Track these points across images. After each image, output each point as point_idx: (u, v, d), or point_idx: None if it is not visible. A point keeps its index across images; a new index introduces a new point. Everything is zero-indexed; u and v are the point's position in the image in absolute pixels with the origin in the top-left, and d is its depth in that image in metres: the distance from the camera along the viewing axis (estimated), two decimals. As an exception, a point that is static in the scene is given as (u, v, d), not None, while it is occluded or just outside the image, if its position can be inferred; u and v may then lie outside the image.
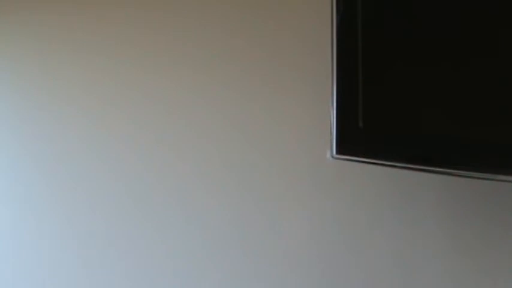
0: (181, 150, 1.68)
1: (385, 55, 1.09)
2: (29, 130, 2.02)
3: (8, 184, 2.08)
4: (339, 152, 1.16)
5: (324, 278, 1.46)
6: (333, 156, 1.16)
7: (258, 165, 1.56)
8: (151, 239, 1.74)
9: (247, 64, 1.58)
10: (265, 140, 1.55)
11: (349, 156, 1.16)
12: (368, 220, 1.41)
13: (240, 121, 1.59)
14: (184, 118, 1.68)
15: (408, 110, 1.07)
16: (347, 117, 1.14)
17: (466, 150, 1.00)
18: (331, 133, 1.16)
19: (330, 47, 1.16)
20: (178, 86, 1.69)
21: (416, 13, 1.05)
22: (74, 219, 1.91)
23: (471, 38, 0.98)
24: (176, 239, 1.69)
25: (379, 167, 1.19)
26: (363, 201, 1.41)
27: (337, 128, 1.15)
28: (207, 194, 1.64)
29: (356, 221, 1.42)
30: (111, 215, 1.82)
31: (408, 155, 1.09)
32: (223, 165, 1.61)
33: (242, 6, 1.59)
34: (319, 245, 1.47)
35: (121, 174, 1.80)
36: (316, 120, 1.46)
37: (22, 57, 2.02)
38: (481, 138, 0.98)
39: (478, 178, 1.02)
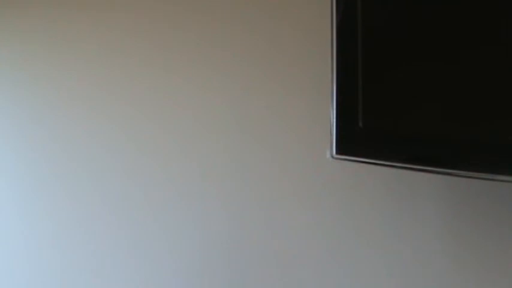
0: (180, 149, 1.68)
1: (385, 55, 1.09)
2: (33, 130, 2.02)
3: (13, 184, 2.08)
4: (338, 152, 1.16)
5: (323, 278, 1.46)
6: (333, 156, 1.16)
7: (257, 165, 1.56)
8: (153, 239, 1.74)
9: (247, 64, 1.58)
10: (265, 140, 1.55)
11: (349, 156, 1.16)
12: (368, 220, 1.41)
13: (239, 121, 1.59)
14: (183, 118, 1.68)
15: (408, 110, 1.07)
16: (347, 117, 1.14)
17: (466, 151, 1.00)
18: (331, 133, 1.16)
19: (330, 47, 1.16)
20: (179, 85, 1.69)
21: (417, 13, 1.05)
22: (77, 218, 1.91)
23: (473, 38, 0.98)
24: (176, 239, 1.69)
25: (379, 167, 1.19)
26: (363, 201, 1.41)
27: (337, 128, 1.15)
28: (206, 193, 1.64)
29: (356, 221, 1.42)
30: (115, 214, 1.82)
31: (408, 155, 1.09)
32: (223, 164, 1.61)
33: (243, 6, 1.59)
34: (319, 245, 1.47)
35: (123, 173, 1.80)
36: (316, 120, 1.46)
37: (30, 56, 2.02)
38: (481, 139, 0.98)
39: (478, 178, 1.02)
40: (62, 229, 1.93)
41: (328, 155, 1.18)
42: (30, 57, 2.01)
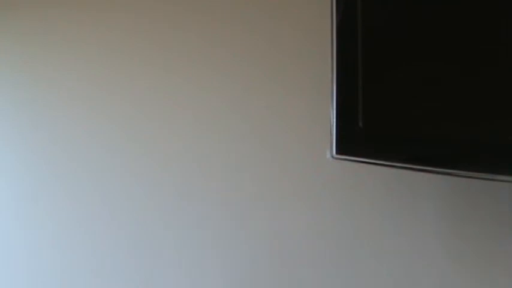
0: (180, 149, 1.68)
1: (385, 55, 1.09)
2: (33, 130, 2.02)
3: (13, 184, 2.08)
4: (339, 152, 1.16)
5: (323, 278, 1.46)
6: (333, 156, 1.16)
7: (257, 165, 1.56)
8: (153, 239, 1.74)
9: (247, 64, 1.58)
10: (265, 140, 1.55)
11: (349, 156, 1.16)
12: (368, 220, 1.41)
13: (239, 121, 1.59)
14: (183, 118, 1.68)
15: (408, 110, 1.07)
16: (347, 117, 1.14)
17: (466, 150, 1.00)
18: (331, 133, 1.16)
19: (330, 47, 1.16)
20: (179, 85, 1.69)
21: (417, 13, 1.05)
22: (77, 218, 1.91)
23: (473, 38, 0.98)
24: (176, 238, 1.69)
25: (379, 167, 1.19)
26: (363, 201, 1.41)
27: (337, 128, 1.15)
28: (206, 193, 1.64)
29: (356, 221, 1.42)
30: (115, 214, 1.82)
31: (408, 155, 1.09)
32: (222, 164, 1.61)
33: (243, 6, 1.59)
34: (318, 245, 1.47)
35: (123, 173, 1.80)
36: (316, 120, 1.46)
37: (30, 57, 2.02)
38: (481, 139, 0.98)
39: (478, 178, 1.02)
40: (62, 229, 1.93)
41: (328, 155, 1.18)
42: (30, 59, 2.01)
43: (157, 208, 1.72)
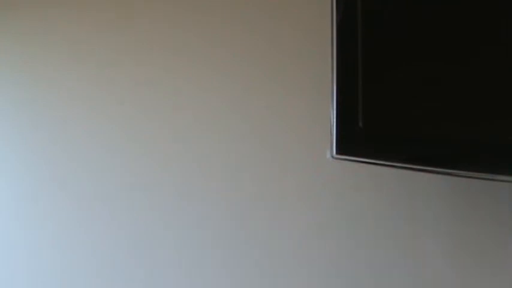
0: (180, 149, 1.68)
1: (385, 55, 1.09)
2: (33, 130, 2.01)
3: (13, 184, 2.08)
4: (339, 152, 1.16)
5: (324, 278, 1.46)
6: (333, 156, 1.16)
7: (257, 165, 1.55)
8: (153, 239, 1.74)
9: (247, 64, 1.58)
10: (265, 140, 1.55)
11: (349, 156, 1.16)
12: (368, 220, 1.41)
13: (239, 121, 1.59)
14: (183, 118, 1.68)
15: (408, 110, 1.07)
16: (347, 117, 1.14)
17: (466, 150, 1.00)
18: (331, 133, 1.16)
19: (330, 47, 1.16)
20: (179, 85, 1.69)
21: (417, 13, 1.05)
22: (77, 218, 1.91)
23: (473, 38, 0.98)
24: (176, 239, 1.69)
25: (379, 167, 1.19)
26: (363, 201, 1.41)
27: (337, 128, 1.15)
28: (206, 193, 1.64)
29: (356, 221, 1.42)
30: (115, 214, 1.82)
31: (408, 155, 1.09)
32: (223, 164, 1.61)
33: (243, 6, 1.59)
34: (318, 245, 1.47)
35: (123, 173, 1.80)
36: (316, 120, 1.46)
37: (29, 57, 2.02)
38: (481, 139, 0.98)
39: (478, 178, 1.02)
40: (62, 229, 1.93)
41: (328, 155, 1.18)
42: (30, 59, 2.00)
43: (157, 208, 1.73)
